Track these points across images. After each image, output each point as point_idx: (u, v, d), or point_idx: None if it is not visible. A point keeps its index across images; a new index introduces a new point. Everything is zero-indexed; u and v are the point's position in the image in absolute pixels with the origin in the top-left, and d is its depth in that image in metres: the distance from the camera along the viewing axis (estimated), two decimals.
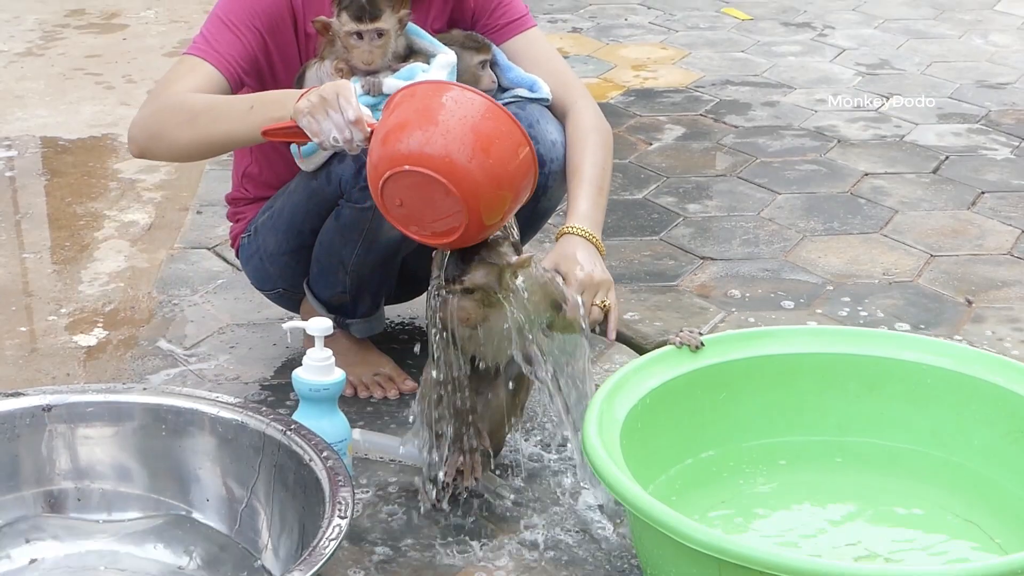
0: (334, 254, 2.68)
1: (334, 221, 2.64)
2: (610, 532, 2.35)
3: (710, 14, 6.25)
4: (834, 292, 3.34)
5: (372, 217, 2.53)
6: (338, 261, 2.69)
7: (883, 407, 2.45)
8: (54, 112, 4.74)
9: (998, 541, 2.25)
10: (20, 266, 3.48)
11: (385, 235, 2.60)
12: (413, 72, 2.54)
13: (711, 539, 1.91)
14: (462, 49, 2.64)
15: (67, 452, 2.31)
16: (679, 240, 3.65)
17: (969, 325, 3.17)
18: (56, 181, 4.10)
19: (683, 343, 2.38)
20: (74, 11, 6.19)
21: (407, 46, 2.61)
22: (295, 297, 2.86)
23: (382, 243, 2.64)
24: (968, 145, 4.45)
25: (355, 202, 2.56)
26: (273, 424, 2.22)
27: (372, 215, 2.52)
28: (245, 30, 2.58)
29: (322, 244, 2.69)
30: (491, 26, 2.75)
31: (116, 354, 3.01)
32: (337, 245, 2.66)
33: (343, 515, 1.96)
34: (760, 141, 4.48)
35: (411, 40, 2.61)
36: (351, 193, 2.56)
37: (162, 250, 3.57)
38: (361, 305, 2.80)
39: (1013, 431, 2.32)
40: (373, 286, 2.79)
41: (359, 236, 2.62)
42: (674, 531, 1.93)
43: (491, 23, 2.75)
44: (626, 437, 2.19)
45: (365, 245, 2.64)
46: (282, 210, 2.72)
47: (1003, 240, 3.67)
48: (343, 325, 2.79)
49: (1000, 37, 5.91)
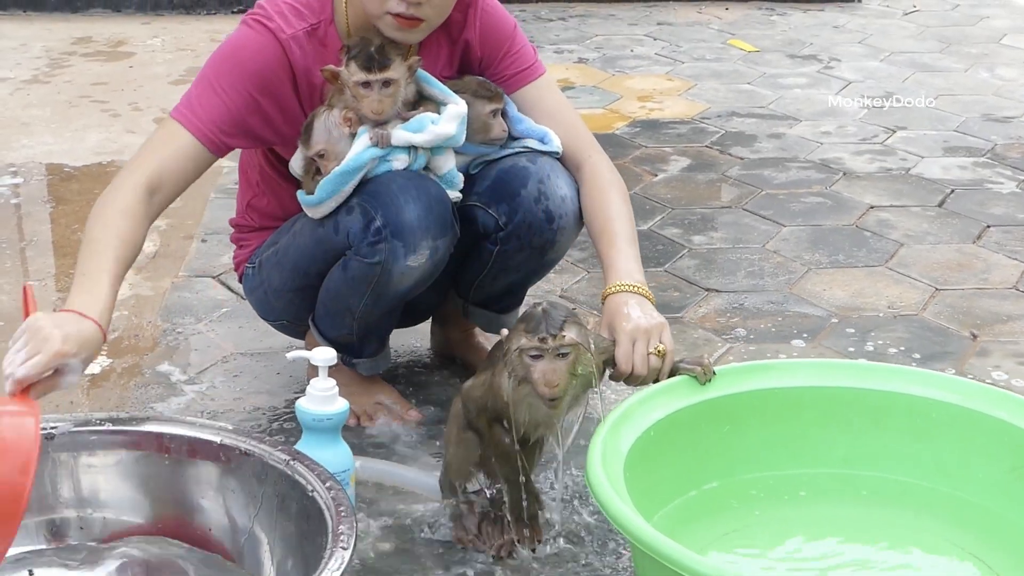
0: (341, 301, 2.67)
1: (342, 271, 2.61)
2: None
3: (716, 46, 6.27)
4: (839, 325, 3.34)
5: (381, 272, 2.54)
6: (345, 308, 2.67)
7: (888, 441, 2.45)
8: (60, 139, 4.76)
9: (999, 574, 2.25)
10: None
11: (393, 288, 2.59)
12: (422, 123, 2.52)
13: (712, 571, 1.91)
14: (474, 97, 2.61)
15: (70, 480, 2.31)
16: (684, 272, 3.66)
17: (974, 359, 3.17)
18: (61, 208, 4.11)
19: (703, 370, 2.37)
20: (80, 39, 6.21)
21: (417, 93, 2.58)
22: (299, 328, 2.87)
23: (390, 295, 2.62)
24: (974, 179, 4.46)
25: (364, 256, 2.54)
26: (276, 453, 2.22)
27: (381, 269, 2.53)
28: (232, 92, 2.54)
29: (328, 290, 2.68)
30: (500, 75, 2.71)
31: (120, 382, 3.02)
32: (344, 294, 2.64)
33: (345, 546, 1.96)
34: (766, 173, 4.49)
35: (421, 87, 2.59)
36: (360, 247, 2.54)
37: (166, 278, 3.58)
38: (368, 347, 2.80)
39: (1018, 466, 2.33)
40: (381, 331, 2.80)
41: (367, 288, 2.60)
42: (676, 563, 1.93)
43: (500, 72, 2.71)
44: (630, 469, 2.19)
45: (373, 297, 2.62)
46: (287, 249, 2.71)
47: (1008, 274, 3.68)
48: (349, 364, 2.78)
49: (1006, 71, 5.93)
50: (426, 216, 2.51)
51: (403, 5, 2.45)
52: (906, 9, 7.18)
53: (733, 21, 6.82)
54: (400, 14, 2.47)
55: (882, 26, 6.77)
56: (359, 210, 2.51)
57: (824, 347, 3.22)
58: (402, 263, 2.53)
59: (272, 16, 2.57)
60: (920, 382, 2.47)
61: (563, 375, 2.17)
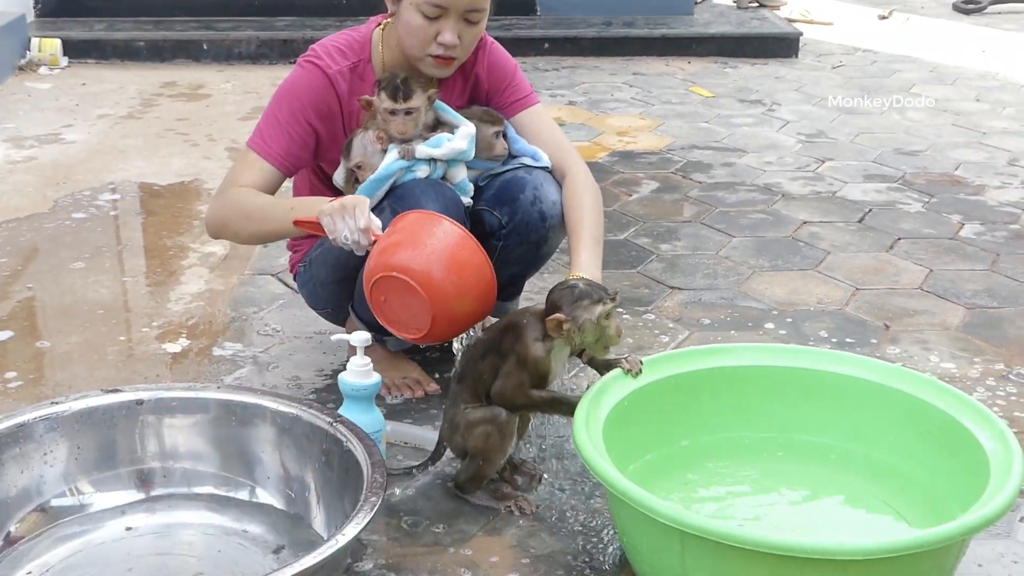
0: None
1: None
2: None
3: (680, 92, 6.26)
4: (778, 316, 3.33)
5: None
6: None
7: (816, 411, 2.44)
8: (150, 164, 4.75)
9: (907, 519, 2.24)
10: (121, 288, 3.49)
11: None
12: (440, 141, 2.55)
13: (676, 514, 1.90)
14: (480, 122, 2.63)
15: (155, 438, 2.31)
16: (653, 273, 3.65)
17: (887, 345, 3.16)
18: (151, 219, 4.11)
19: (629, 368, 2.33)
20: (167, 83, 6.21)
21: (435, 119, 2.61)
22: (341, 315, 2.86)
23: None
24: (888, 200, 4.45)
25: None
26: (322, 417, 2.22)
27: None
28: (295, 124, 2.59)
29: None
30: (502, 103, 2.73)
31: (196, 359, 3.01)
32: None
33: (377, 491, 1.96)
34: (719, 194, 4.48)
35: (438, 114, 2.61)
36: None
37: (234, 276, 3.58)
38: None
39: (922, 432, 2.32)
40: None
41: None
42: (646, 507, 1.93)
43: (502, 100, 2.74)
44: (608, 431, 2.18)
45: None
46: (331, 249, 2.70)
47: (915, 277, 3.67)
48: (381, 341, 2.78)
49: (915, 114, 5.92)
50: (443, 213, 2.51)
51: (442, 48, 2.51)
52: (834, 64, 7.16)
53: (694, 72, 6.80)
54: (440, 56, 2.52)
55: (814, 77, 6.75)
56: (389, 210, 2.51)
57: (765, 334, 3.21)
58: None
59: (321, 56, 2.62)
60: (842, 363, 2.46)
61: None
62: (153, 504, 2.27)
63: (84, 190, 4.37)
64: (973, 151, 5.19)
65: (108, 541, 2.17)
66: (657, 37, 7.19)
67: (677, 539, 1.92)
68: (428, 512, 2.34)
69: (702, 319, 3.31)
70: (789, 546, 1.85)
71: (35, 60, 6.46)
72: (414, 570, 2.15)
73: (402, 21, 2.54)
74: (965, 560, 2.10)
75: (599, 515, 2.33)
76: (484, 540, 2.25)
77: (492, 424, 2.28)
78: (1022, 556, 2.23)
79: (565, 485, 2.43)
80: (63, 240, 3.86)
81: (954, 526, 1.89)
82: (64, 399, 2.27)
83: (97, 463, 2.27)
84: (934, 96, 6.28)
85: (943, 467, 2.26)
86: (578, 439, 2.09)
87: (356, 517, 1.89)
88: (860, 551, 1.84)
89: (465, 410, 2.31)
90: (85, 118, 5.47)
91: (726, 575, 1.91)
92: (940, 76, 6.91)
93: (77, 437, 2.24)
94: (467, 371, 2.33)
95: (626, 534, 2.13)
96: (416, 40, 2.53)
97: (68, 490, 2.24)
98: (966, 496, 2.05)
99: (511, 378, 2.25)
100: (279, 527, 2.21)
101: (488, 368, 2.28)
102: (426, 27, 2.50)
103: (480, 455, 2.31)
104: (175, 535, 2.21)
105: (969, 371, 3.00)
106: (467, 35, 2.53)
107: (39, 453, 2.21)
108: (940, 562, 1.97)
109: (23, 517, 2.17)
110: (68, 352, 3.04)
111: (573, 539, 2.25)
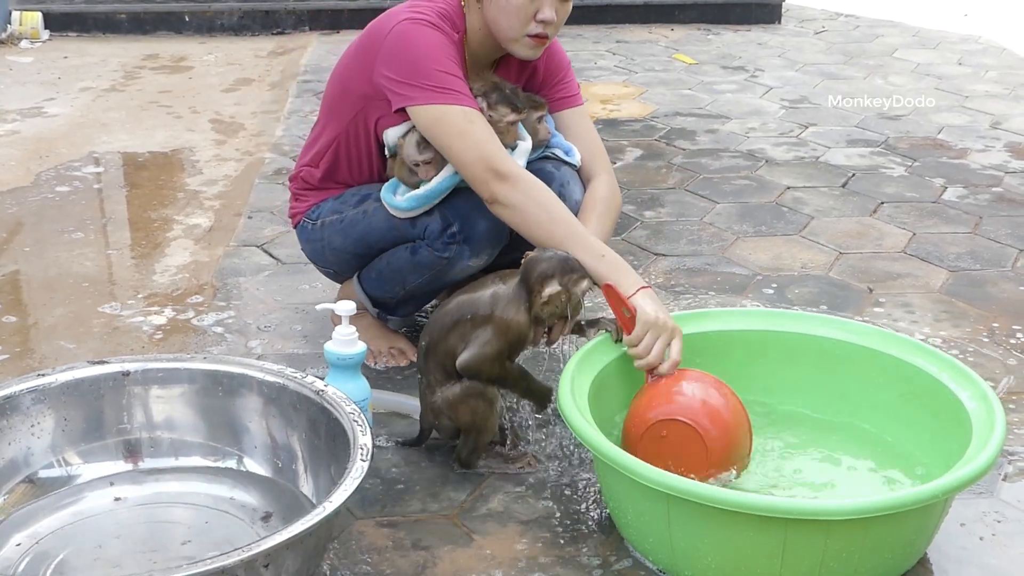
0: (399, 275, 2.67)
1: (409, 255, 2.62)
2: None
3: (663, 59, 6.25)
4: (762, 281, 3.34)
5: (446, 264, 2.57)
6: (400, 280, 2.68)
7: (800, 373, 2.45)
8: (133, 136, 4.73)
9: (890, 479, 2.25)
10: (105, 260, 3.48)
11: (450, 277, 2.62)
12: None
13: (661, 477, 1.91)
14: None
15: (142, 409, 2.30)
16: (638, 240, 3.65)
17: (870, 308, 3.17)
18: (134, 192, 4.09)
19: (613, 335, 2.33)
20: (149, 56, 6.18)
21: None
22: (342, 279, 2.86)
23: (443, 281, 2.64)
24: (871, 165, 4.46)
25: (436, 250, 2.57)
26: (308, 386, 2.22)
27: (446, 262, 2.57)
28: (454, 66, 2.47)
29: (390, 264, 2.67)
30: (551, 96, 2.71)
31: (182, 330, 3.01)
32: (404, 271, 2.65)
33: (364, 458, 1.96)
34: (703, 161, 4.48)
35: None
36: (434, 244, 2.56)
37: (220, 247, 3.57)
38: (403, 309, 2.81)
39: (905, 393, 2.33)
40: (419, 301, 2.80)
41: (428, 272, 2.62)
42: (632, 471, 1.94)
43: (552, 94, 2.71)
44: (592, 397, 2.19)
45: (429, 279, 2.64)
46: (355, 223, 2.67)
47: (898, 241, 3.68)
48: (383, 318, 2.79)
49: (897, 78, 5.92)
50: (491, 231, 2.54)
51: (540, 27, 2.48)
52: (816, 29, 7.16)
53: (677, 39, 6.79)
54: (537, 35, 2.49)
55: (797, 43, 6.75)
56: (439, 215, 2.53)
57: (750, 299, 3.22)
58: (465, 262, 2.58)
59: (437, 24, 2.50)
60: (826, 325, 2.47)
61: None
62: (141, 475, 2.27)
63: (67, 163, 4.35)
64: (956, 115, 5.20)
65: (97, 512, 2.17)
66: (640, 4, 7.17)
67: (663, 502, 1.93)
68: (415, 479, 2.34)
69: (687, 285, 3.31)
70: (773, 507, 1.87)
71: (16, 33, 6.42)
72: (402, 538, 2.15)
73: (497, 2, 2.48)
74: (948, 519, 2.12)
75: (585, 480, 2.34)
76: (472, 506, 2.25)
77: (474, 397, 2.28)
78: (1005, 514, 2.24)
79: (551, 450, 2.44)
80: (47, 214, 3.84)
81: (936, 485, 1.90)
82: (50, 371, 2.26)
83: (84, 434, 2.26)
84: (917, 60, 6.29)
85: (926, 427, 2.27)
86: (563, 404, 2.10)
87: (343, 484, 1.89)
88: (843, 511, 1.85)
89: (442, 393, 2.31)
90: (67, 91, 5.44)
91: (711, 537, 1.93)
92: (923, 40, 6.91)
93: (64, 409, 2.24)
94: (434, 345, 2.31)
95: (612, 498, 2.14)
96: (516, 20, 2.47)
97: (56, 461, 2.23)
98: (949, 456, 2.07)
99: (488, 347, 2.25)
100: (267, 495, 2.21)
101: (457, 339, 2.28)
102: (527, 5, 2.46)
103: (473, 429, 2.31)
104: (163, 505, 2.21)
105: (952, 333, 3.01)
106: (561, 11, 2.51)
107: (26, 425, 2.21)
108: (923, 522, 1.98)
109: (11, 488, 2.17)
110: (54, 325, 3.03)
111: (560, 504, 2.26)
